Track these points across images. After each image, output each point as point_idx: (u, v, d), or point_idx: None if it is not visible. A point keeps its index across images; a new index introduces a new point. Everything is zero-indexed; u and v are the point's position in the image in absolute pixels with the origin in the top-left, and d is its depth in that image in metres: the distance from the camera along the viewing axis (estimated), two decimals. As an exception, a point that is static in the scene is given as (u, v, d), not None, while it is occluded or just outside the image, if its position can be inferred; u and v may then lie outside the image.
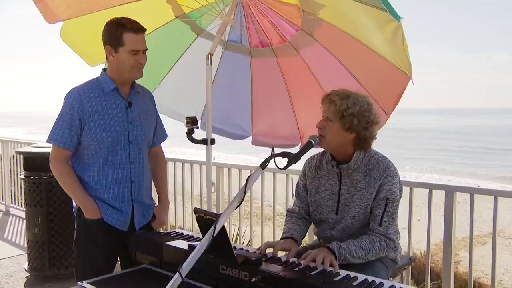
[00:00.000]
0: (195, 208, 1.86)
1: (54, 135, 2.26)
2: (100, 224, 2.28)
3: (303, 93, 3.19)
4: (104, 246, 2.30)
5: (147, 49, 2.42)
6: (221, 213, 1.75)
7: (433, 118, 77.17)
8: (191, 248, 1.97)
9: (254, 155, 19.94)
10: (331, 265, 1.90)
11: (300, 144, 3.35)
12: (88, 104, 2.26)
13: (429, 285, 2.92)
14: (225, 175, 3.79)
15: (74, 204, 2.36)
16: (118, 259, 2.43)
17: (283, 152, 1.94)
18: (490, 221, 2.76)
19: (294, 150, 2.05)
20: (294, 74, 3.13)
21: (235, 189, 3.16)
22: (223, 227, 1.74)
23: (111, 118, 2.28)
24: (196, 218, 1.84)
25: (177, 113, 3.34)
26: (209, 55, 2.75)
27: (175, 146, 19.50)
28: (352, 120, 2.13)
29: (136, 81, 2.41)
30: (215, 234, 1.70)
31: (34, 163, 3.93)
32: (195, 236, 2.30)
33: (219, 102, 3.26)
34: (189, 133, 2.70)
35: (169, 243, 2.09)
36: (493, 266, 2.61)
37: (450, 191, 2.63)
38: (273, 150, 1.91)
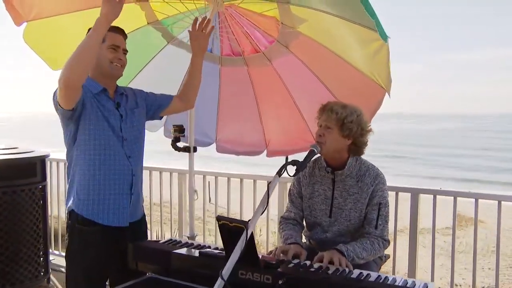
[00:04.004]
0: (218, 216, 1.90)
1: None
2: (95, 231, 2.23)
3: (272, 102, 3.31)
4: (99, 253, 2.25)
5: (127, 51, 2.44)
6: (249, 220, 1.81)
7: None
8: (203, 255, 2.01)
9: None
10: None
11: (265, 151, 3.47)
12: (85, 95, 2.23)
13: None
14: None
15: (66, 211, 2.31)
16: None
17: (293, 160, 2.07)
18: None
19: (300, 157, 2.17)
20: (264, 83, 3.24)
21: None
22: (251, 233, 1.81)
23: (105, 116, 2.29)
24: (220, 226, 1.88)
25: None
26: (192, 63, 2.76)
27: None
28: (352, 127, 2.34)
29: None
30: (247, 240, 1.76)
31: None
32: (195, 243, 2.32)
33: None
34: (175, 140, 2.69)
35: (177, 251, 2.10)
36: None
37: (415, 193, 2.91)
38: (287, 158, 2.02)
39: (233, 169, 4.01)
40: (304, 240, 2.56)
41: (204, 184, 3.56)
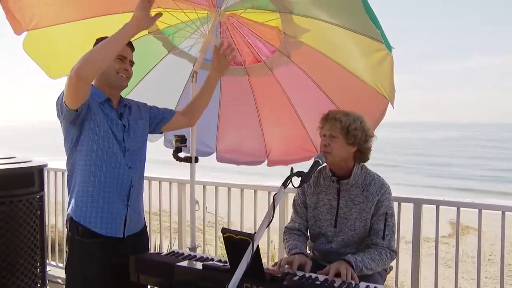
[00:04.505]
0: (223, 228, 1.88)
1: None
2: (95, 243, 2.20)
3: (273, 111, 3.30)
4: (99, 266, 2.21)
5: (134, 63, 2.44)
6: (255, 232, 1.78)
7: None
8: (207, 268, 1.98)
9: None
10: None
11: (266, 161, 3.45)
12: (92, 102, 2.22)
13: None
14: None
15: (66, 223, 2.28)
16: None
17: (298, 172, 2.04)
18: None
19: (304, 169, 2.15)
20: (265, 93, 3.23)
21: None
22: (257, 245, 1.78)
23: (109, 125, 2.27)
24: (224, 238, 1.85)
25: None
26: (194, 73, 2.76)
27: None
28: (357, 134, 2.34)
29: None
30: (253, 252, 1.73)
31: None
32: (198, 255, 2.28)
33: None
34: (176, 151, 2.67)
35: (180, 264, 2.07)
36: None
37: (417, 204, 2.89)
38: (292, 169, 2.00)
39: (232, 179, 3.94)
40: (307, 251, 2.53)
41: (204, 194, 3.52)
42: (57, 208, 4.28)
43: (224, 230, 1.86)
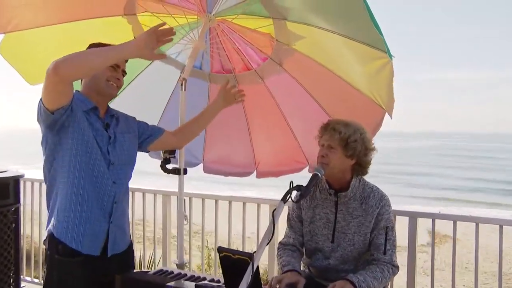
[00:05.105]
0: (219, 247, 1.75)
1: None
2: (76, 262, 2.04)
3: (263, 121, 3.19)
4: (82, 287, 2.04)
5: (126, 73, 2.30)
6: (254, 252, 1.66)
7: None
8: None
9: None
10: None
11: (255, 172, 3.33)
12: (76, 109, 2.06)
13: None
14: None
15: (45, 241, 2.10)
16: None
17: (297, 185, 1.94)
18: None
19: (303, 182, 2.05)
20: (255, 102, 3.11)
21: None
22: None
23: (93, 136, 2.10)
24: (221, 257, 1.72)
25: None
26: (183, 81, 2.63)
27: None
28: (356, 146, 2.23)
29: None
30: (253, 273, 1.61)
31: None
32: (188, 274, 2.14)
33: (172, 127, 3.12)
34: (165, 162, 2.52)
35: (171, 284, 1.93)
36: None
37: (413, 217, 2.81)
38: (291, 183, 1.90)
39: (210, 190, 3.76)
40: (302, 267, 2.41)
41: (190, 206, 3.36)
42: (34, 217, 4.06)
43: (220, 249, 1.73)
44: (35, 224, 4.08)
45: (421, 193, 25.80)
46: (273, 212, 1.79)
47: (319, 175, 2.09)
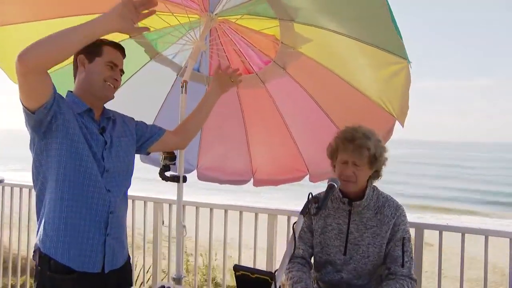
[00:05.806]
0: (236, 265, 1.60)
1: None
2: (69, 280, 1.86)
3: (262, 127, 3.06)
4: None
5: (123, 73, 2.13)
6: (275, 271, 1.52)
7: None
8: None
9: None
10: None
11: (252, 180, 3.19)
12: (67, 111, 1.87)
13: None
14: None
15: (34, 255, 1.92)
16: None
17: (314, 197, 1.82)
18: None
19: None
20: (254, 107, 2.99)
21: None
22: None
23: (86, 140, 1.92)
24: (237, 276, 1.58)
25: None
26: (184, 83, 2.48)
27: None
28: (382, 160, 2.19)
29: None
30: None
31: None
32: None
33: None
34: (164, 169, 2.36)
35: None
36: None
37: (419, 228, 2.71)
38: (309, 195, 1.78)
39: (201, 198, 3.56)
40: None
41: (183, 214, 3.18)
42: (12, 230, 3.81)
43: (236, 267, 1.58)
44: (15, 233, 3.84)
45: (403, 202, 25.94)
46: (293, 226, 1.65)
47: (335, 186, 1.96)
